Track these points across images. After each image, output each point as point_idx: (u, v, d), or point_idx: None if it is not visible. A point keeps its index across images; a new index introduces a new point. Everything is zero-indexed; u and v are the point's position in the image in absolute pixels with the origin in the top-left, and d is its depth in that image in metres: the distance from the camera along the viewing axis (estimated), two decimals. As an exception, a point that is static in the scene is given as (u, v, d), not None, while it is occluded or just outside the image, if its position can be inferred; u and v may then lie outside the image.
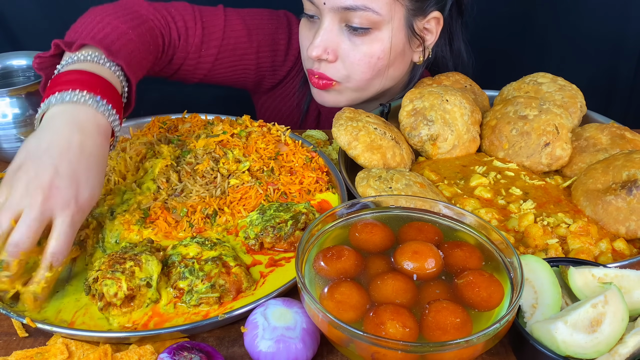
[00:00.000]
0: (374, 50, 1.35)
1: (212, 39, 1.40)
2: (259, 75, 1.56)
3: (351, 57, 1.36)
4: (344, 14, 1.31)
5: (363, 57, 1.36)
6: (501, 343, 0.87)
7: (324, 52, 1.35)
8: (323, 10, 1.32)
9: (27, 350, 0.87)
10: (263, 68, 1.55)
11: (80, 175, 0.92)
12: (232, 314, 0.90)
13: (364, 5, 1.28)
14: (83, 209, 0.93)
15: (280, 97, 1.67)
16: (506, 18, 2.11)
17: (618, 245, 1.05)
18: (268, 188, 1.17)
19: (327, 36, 1.34)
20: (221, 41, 1.41)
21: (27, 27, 2.00)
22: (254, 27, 1.47)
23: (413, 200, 0.96)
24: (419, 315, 0.77)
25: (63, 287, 0.98)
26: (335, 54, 1.36)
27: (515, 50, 2.15)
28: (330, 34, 1.34)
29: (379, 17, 1.31)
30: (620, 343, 0.80)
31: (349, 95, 1.44)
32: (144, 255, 0.95)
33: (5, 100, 1.27)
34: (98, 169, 0.96)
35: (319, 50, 1.34)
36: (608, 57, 2.12)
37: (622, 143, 1.23)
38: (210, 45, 1.40)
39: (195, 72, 1.44)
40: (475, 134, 1.30)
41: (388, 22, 1.33)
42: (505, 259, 0.86)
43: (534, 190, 1.16)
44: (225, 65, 1.46)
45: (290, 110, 1.68)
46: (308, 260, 0.86)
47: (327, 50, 1.35)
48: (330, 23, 1.33)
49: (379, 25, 1.33)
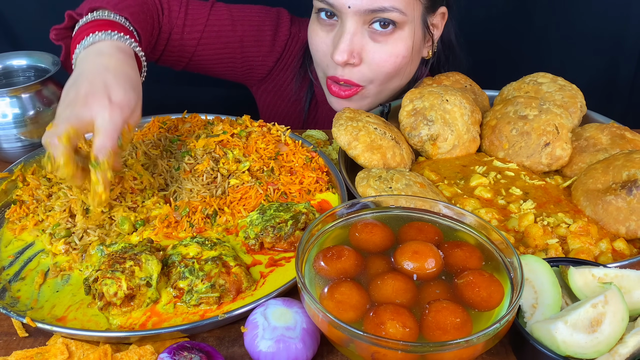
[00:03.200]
0: (399, 50, 1.35)
1: (196, 24, 1.47)
2: (246, 65, 1.58)
3: (377, 59, 1.35)
4: (368, 16, 1.30)
5: (389, 58, 1.35)
6: (501, 343, 0.87)
7: (350, 56, 1.33)
8: (346, 14, 1.30)
9: (27, 350, 0.87)
10: (249, 58, 1.57)
11: (109, 83, 1.04)
12: (232, 314, 0.90)
13: (392, 5, 1.28)
14: (120, 106, 1.02)
15: (274, 90, 1.67)
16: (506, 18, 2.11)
17: (618, 245, 1.05)
18: (268, 188, 1.17)
19: (351, 39, 1.32)
20: (204, 27, 1.47)
21: (27, 27, 2.00)
22: (238, 19, 1.52)
23: (413, 200, 0.96)
24: (419, 315, 0.77)
25: (62, 287, 0.98)
26: (360, 57, 1.35)
27: (516, 50, 2.15)
28: (355, 37, 1.32)
29: (403, 17, 1.31)
30: (620, 343, 0.80)
31: (371, 100, 1.44)
32: (143, 255, 0.95)
33: (5, 100, 1.27)
34: (125, 77, 1.07)
35: (345, 55, 1.32)
36: (608, 57, 2.11)
37: (622, 143, 1.23)
38: (193, 30, 1.46)
39: (181, 55, 1.47)
40: (475, 134, 1.30)
41: (410, 21, 1.33)
42: (505, 259, 0.86)
43: (534, 190, 1.16)
44: (209, 50, 1.50)
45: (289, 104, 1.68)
46: (308, 260, 0.86)
47: (352, 53, 1.33)
48: (354, 25, 1.31)
49: (402, 25, 1.33)
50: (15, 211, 1.12)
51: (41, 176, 1.19)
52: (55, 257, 1.04)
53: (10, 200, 1.16)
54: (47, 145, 0.98)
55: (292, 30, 1.59)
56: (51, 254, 1.04)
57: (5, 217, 1.12)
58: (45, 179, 1.18)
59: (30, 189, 1.15)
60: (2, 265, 1.03)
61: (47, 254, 1.05)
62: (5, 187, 1.17)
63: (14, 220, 1.11)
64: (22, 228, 1.09)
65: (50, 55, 1.39)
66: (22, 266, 1.03)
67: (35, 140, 1.31)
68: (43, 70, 1.38)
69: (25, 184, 1.18)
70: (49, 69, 1.35)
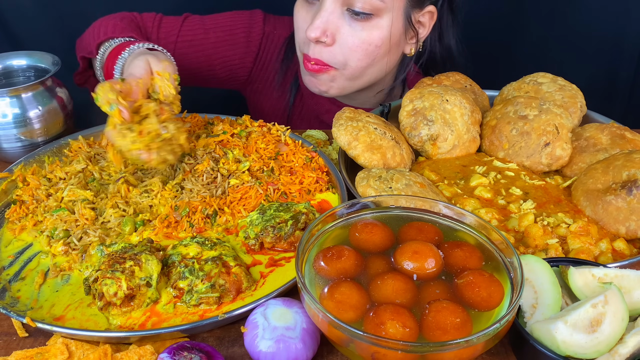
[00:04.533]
0: (373, 38, 1.35)
1: (169, 36, 1.54)
2: (226, 70, 1.61)
3: (349, 42, 1.35)
4: None
5: (361, 44, 1.35)
6: (501, 343, 0.87)
7: (322, 34, 1.34)
8: None
9: (27, 350, 0.87)
10: (227, 62, 1.60)
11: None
12: (232, 314, 0.90)
13: None
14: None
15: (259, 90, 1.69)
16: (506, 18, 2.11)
17: (618, 245, 1.05)
18: (268, 188, 1.17)
19: (327, 18, 1.33)
20: (176, 38, 1.54)
21: (27, 27, 2.00)
22: (211, 27, 1.57)
23: (413, 200, 0.96)
24: (419, 315, 0.77)
25: (62, 287, 0.98)
26: (333, 37, 1.35)
27: (516, 51, 2.14)
28: (331, 15, 1.33)
29: (382, 4, 1.31)
30: (620, 343, 0.80)
31: (341, 83, 1.44)
32: (143, 255, 0.95)
33: (5, 100, 1.27)
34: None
35: (317, 32, 1.33)
36: (608, 57, 2.11)
37: (622, 143, 1.23)
38: (167, 42, 1.54)
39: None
40: (475, 134, 1.30)
41: (389, 10, 1.34)
42: (505, 259, 0.86)
43: (534, 190, 1.16)
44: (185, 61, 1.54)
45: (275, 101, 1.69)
46: (308, 260, 0.86)
47: (326, 32, 1.34)
48: (332, 5, 1.32)
49: (380, 12, 1.33)
50: (15, 211, 1.12)
51: (41, 176, 1.19)
52: (54, 257, 1.04)
53: (10, 200, 1.16)
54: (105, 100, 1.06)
55: (266, 29, 1.61)
56: (51, 255, 1.04)
57: (5, 217, 1.12)
58: (45, 179, 1.18)
59: (30, 189, 1.15)
60: (2, 265, 1.03)
61: (47, 254, 1.05)
62: (5, 187, 1.17)
63: (14, 220, 1.11)
64: (21, 228, 1.09)
65: (50, 55, 1.39)
66: (22, 266, 1.03)
67: (35, 140, 1.31)
68: (43, 70, 1.38)
69: (25, 184, 1.18)
70: (49, 69, 1.35)
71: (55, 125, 1.33)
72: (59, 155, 1.27)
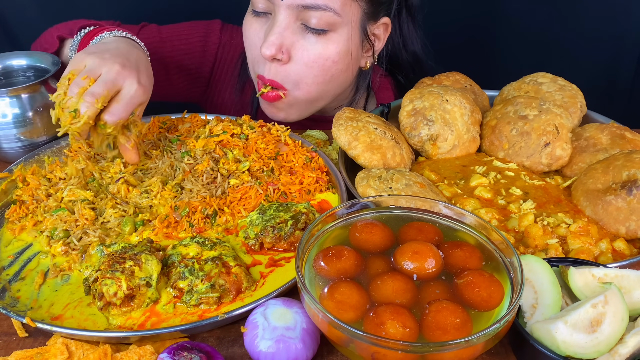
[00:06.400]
0: (330, 52, 1.30)
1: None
2: (184, 80, 1.58)
3: (305, 58, 1.30)
4: (302, 12, 1.26)
5: (317, 59, 1.30)
6: (501, 343, 0.87)
7: (278, 50, 1.28)
8: (279, 7, 1.26)
9: (27, 350, 0.87)
10: (184, 72, 1.58)
11: (139, 66, 1.14)
12: (232, 314, 0.90)
13: (325, 4, 1.24)
14: (144, 88, 1.12)
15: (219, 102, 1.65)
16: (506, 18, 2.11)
17: (618, 245, 1.05)
18: (268, 188, 1.17)
19: (282, 33, 1.27)
20: None
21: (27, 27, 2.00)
22: (167, 37, 1.55)
23: (413, 200, 0.96)
24: (419, 315, 0.77)
25: (61, 286, 0.98)
26: (288, 54, 1.30)
27: (516, 50, 2.15)
28: (286, 31, 1.28)
29: (338, 18, 1.27)
30: (620, 343, 0.79)
31: (300, 109, 1.40)
32: (143, 255, 0.95)
33: (5, 100, 1.27)
34: (148, 69, 1.19)
35: (272, 49, 1.27)
36: (608, 57, 2.12)
37: (622, 143, 1.23)
38: None
39: None
40: (475, 134, 1.30)
41: (346, 24, 1.29)
42: (505, 259, 0.86)
43: (534, 190, 1.16)
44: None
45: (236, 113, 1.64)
46: (308, 260, 0.86)
47: (281, 48, 1.28)
48: (286, 20, 1.27)
49: (336, 27, 1.29)
50: (15, 211, 1.12)
51: (41, 176, 1.19)
52: (54, 257, 1.04)
53: (10, 200, 1.16)
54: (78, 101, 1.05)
55: (223, 38, 1.58)
56: (50, 255, 1.04)
57: (5, 217, 1.12)
58: (45, 179, 1.18)
59: (30, 189, 1.15)
60: (2, 265, 1.03)
61: (47, 255, 1.05)
62: (5, 187, 1.17)
63: (14, 220, 1.11)
64: (21, 228, 1.09)
65: (50, 56, 1.39)
66: (21, 266, 1.03)
67: (35, 140, 1.31)
68: (43, 70, 1.37)
69: (25, 184, 1.18)
70: (49, 69, 1.35)
71: (55, 125, 1.33)
72: (59, 155, 1.27)
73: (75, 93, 1.06)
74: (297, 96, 1.36)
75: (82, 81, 1.07)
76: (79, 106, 1.05)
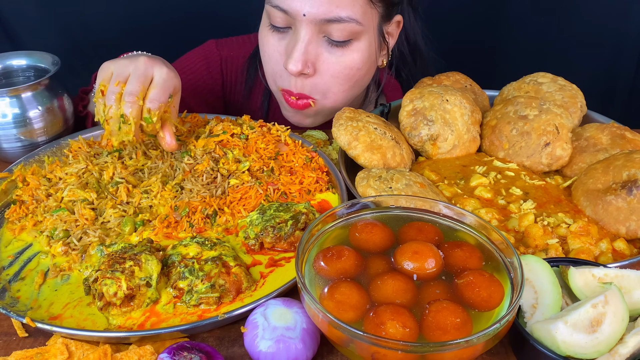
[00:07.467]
0: (354, 62, 1.31)
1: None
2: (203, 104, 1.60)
3: (331, 70, 1.30)
4: (324, 25, 1.25)
5: (343, 70, 1.31)
6: (501, 343, 0.87)
7: (304, 66, 1.27)
8: (300, 22, 1.25)
9: (27, 350, 0.87)
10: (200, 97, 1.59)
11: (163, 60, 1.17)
12: (232, 314, 0.90)
13: (348, 16, 1.24)
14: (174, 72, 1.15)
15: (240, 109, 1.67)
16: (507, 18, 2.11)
17: (618, 245, 1.05)
18: (268, 188, 1.17)
19: (306, 48, 1.27)
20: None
21: (27, 27, 2.00)
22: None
23: (413, 200, 0.96)
24: (419, 315, 0.77)
25: (61, 286, 0.98)
26: (314, 67, 1.30)
27: (516, 51, 2.15)
28: (310, 45, 1.27)
29: (360, 27, 1.27)
30: (620, 343, 0.79)
31: (326, 114, 1.41)
32: (143, 255, 0.95)
33: (5, 100, 1.27)
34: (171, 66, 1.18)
35: (299, 65, 1.26)
36: (608, 57, 2.12)
37: (622, 143, 1.23)
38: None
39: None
40: (476, 133, 1.30)
41: (367, 31, 1.30)
42: (505, 259, 0.86)
43: (534, 190, 1.16)
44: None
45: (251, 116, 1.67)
46: (308, 260, 0.86)
47: (307, 63, 1.28)
48: (308, 34, 1.26)
49: (358, 36, 1.29)
50: (15, 211, 1.12)
51: (41, 176, 1.19)
52: (54, 257, 1.04)
53: (10, 200, 1.16)
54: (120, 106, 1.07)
55: (222, 54, 1.59)
56: (50, 255, 1.04)
57: (5, 217, 1.12)
58: (45, 179, 1.18)
59: (30, 189, 1.15)
60: (2, 265, 1.03)
61: (47, 255, 1.05)
62: (5, 187, 1.17)
63: (14, 220, 1.11)
64: (21, 228, 1.09)
65: (50, 55, 1.39)
66: (21, 266, 1.03)
67: (35, 140, 1.31)
68: (43, 70, 1.37)
69: (25, 184, 1.18)
70: (49, 69, 1.35)
71: (55, 125, 1.33)
72: (59, 155, 1.27)
73: (113, 100, 1.08)
74: (325, 104, 1.38)
75: (115, 87, 1.08)
76: (123, 110, 1.07)
